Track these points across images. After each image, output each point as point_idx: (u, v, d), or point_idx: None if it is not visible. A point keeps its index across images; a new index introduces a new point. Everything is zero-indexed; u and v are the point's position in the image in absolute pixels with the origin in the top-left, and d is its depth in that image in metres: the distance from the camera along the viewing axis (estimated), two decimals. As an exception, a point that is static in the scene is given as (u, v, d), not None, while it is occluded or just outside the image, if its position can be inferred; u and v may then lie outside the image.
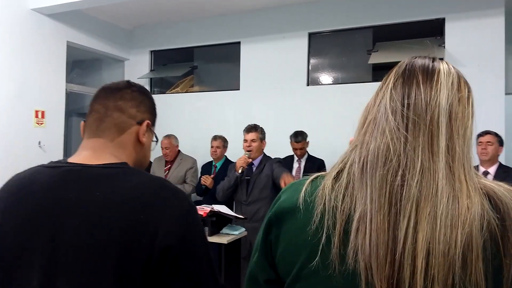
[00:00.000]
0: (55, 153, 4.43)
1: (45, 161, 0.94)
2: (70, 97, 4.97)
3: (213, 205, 3.09)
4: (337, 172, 0.69)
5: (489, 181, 0.64)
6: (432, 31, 4.21)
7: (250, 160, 3.39)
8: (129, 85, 1.00)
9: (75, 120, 5.35)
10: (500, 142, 3.27)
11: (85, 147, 0.94)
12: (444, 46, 4.02)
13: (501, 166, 3.26)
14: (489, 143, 3.22)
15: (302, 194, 0.68)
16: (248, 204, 3.38)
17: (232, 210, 3.42)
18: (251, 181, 3.39)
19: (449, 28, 4.03)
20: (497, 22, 3.81)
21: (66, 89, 4.76)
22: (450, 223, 0.57)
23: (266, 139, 3.54)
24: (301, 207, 0.67)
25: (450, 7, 4.00)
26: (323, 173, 0.72)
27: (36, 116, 4.35)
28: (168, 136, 4.40)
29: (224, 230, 3.08)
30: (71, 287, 0.78)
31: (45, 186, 0.85)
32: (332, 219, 0.64)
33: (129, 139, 0.96)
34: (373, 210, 0.61)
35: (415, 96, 0.65)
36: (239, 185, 3.40)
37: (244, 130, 3.52)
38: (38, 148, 4.33)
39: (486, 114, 3.73)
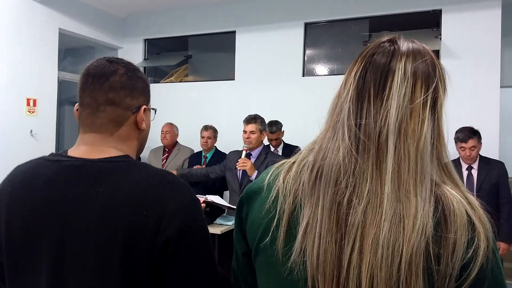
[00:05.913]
0: (47, 142, 4.37)
1: (37, 150, 0.92)
2: (63, 86, 4.89)
3: (206, 196, 3.07)
4: (292, 163, 0.73)
5: (453, 192, 0.63)
6: (428, 22, 4.19)
7: (247, 150, 3.33)
8: (116, 68, 0.90)
9: (68, 108, 5.27)
10: (479, 139, 3.16)
11: (83, 142, 0.91)
12: (441, 38, 4.00)
13: (482, 159, 3.22)
14: (472, 148, 3.12)
15: (268, 176, 0.75)
16: None
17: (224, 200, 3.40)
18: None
19: (445, 19, 4.01)
20: (494, 15, 3.80)
21: (58, 77, 4.69)
22: (392, 250, 0.59)
23: (261, 130, 3.49)
24: (264, 188, 0.74)
25: (447, -2, 3.99)
26: (292, 159, 0.75)
27: (28, 105, 4.29)
28: (170, 124, 4.40)
29: (218, 221, 3.08)
30: (79, 283, 0.79)
31: (49, 182, 0.85)
32: (281, 205, 0.69)
33: (129, 130, 0.92)
34: (322, 228, 0.63)
35: (366, 114, 0.65)
36: (235, 175, 3.36)
37: (243, 121, 3.44)
38: (30, 137, 4.27)
39: (481, 107, 3.74)
